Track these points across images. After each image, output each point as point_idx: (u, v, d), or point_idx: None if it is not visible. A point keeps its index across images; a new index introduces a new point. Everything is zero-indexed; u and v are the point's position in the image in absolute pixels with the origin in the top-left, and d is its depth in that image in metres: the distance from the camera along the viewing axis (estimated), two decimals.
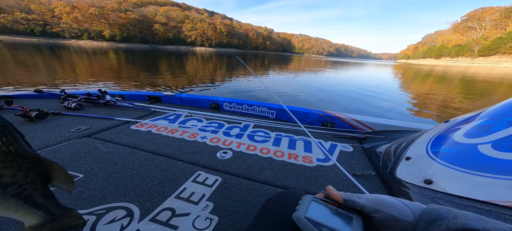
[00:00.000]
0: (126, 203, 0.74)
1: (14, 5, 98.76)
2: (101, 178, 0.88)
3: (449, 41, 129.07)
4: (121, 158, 1.05)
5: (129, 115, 1.73)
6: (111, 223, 0.65)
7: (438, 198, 0.65)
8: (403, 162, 0.91)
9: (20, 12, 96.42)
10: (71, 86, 5.56)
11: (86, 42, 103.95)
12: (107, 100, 1.96)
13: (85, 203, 0.73)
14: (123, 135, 1.35)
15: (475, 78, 16.46)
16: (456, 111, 5.28)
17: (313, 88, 7.67)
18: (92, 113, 1.70)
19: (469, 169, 0.66)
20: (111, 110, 1.83)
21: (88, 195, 0.77)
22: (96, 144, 1.18)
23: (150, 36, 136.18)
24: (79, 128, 1.39)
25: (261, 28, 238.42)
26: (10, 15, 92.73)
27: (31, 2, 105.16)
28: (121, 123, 1.56)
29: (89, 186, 0.82)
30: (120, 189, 0.82)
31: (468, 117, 0.92)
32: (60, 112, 1.63)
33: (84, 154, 1.07)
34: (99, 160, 1.02)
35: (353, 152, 1.36)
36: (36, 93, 2.06)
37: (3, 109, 1.59)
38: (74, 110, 1.72)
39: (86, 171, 0.92)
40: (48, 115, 1.50)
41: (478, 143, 0.73)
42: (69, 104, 1.74)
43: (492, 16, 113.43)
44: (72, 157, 1.03)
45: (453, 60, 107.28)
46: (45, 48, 24.80)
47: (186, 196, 0.81)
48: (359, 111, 4.59)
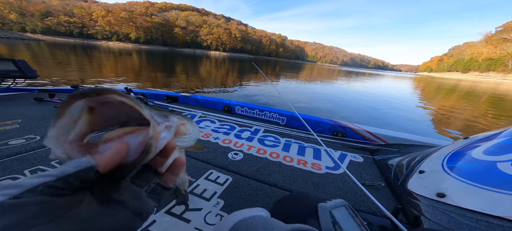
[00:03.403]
0: None
1: (60, 9, 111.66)
2: None
3: (479, 54, 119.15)
4: None
5: None
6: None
7: (450, 211, 0.64)
8: (416, 175, 0.89)
9: (65, 15, 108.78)
10: (101, 83, 6.09)
11: (115, 43, 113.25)
12: None
13: None
14: None
15: (509, 96, 14.91)
16: (481, 130, 4.85)
17: (324, 97, 7.55)
18: None
19: (486, 185, 0.64)
20: None
21: None
22: None
23: (170, 39, 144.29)
24: None
25: (274, 35, 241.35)
26: (55, 18, 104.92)
27: (74, 6, 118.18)
28: None
29: None
30: None
31: (489, 135, 0.88)
32: None
33: None
34: None
35: (364, 162, 1.34)
36: (72, 88, 2.29)
37: (45, 101, 1.79)
38: None
39: None
40: None
41: (497, 161, 0.70)
42: None
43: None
44: None
45: (483, 75, 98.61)
46: (79, 48, 27.49)
47: (199, 192, 0.86)
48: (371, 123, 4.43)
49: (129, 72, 9.12)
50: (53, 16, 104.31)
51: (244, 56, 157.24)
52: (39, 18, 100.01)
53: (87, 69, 8.93)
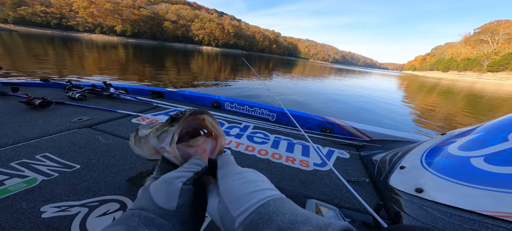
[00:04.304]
0: (120, 196, 0.74)
1: None
2: (98, 170, 0.87)
3: (458, 54, 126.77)
4: (120, 151, 1.05)
5: (131, 108, 1.75)
6: (103, 216, 0.64)
7: (427, 206, 0.66)
8: (397, 171, 0.92)
9: (41, 5, 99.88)
10: (79, 78, 5.71)
11: (98, 36, 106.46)
12: (111, 93, 1.99)
13: (79, 195, 0.72)
14: (124, 127, 1.36)
15: (482, 94, 16.13)
16: (457, 127, 5.21)
17: (316, 94, 7.67)
18: (95, 104, 1.70)
19: (460, 180, 0.67)
20: (114, 103, 1.85)
21: (83, 187, 0.75)
22: (96, 135, 1.18)
23: (160, 33, 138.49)
24: (80, 118, 1.39)
25: (268, 31, 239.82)
26: (30, 8, 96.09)
27: None
28: (122, 115, 1.57)
29: (85, 178, 0.81)
30: (116, 182, 0.81)
31: (465, 131, 0.93)
32: (64, 101, 1.64)
33: (83, 144, 1.06)
34: (98, 151, 1.02)
35: (350, 158, 1.37)
36: (42, 82, 2.10)
37: (9, 95, 1.63)
38: (78, 101, 1.73)
39: (83, 162, 0.91)
40: (51, 104, 1.51)
41: (471, 156, 0.74)
42: (73, 94, 1.76)
43: (507, 29, 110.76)
44: (71, 147, 1.02)
45: (460, 74, 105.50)
46: (58, 40, 25.52)
47: None
48: (358, 120, 4.58)
49: (114, 66, 8.62)
50: (28, 5, 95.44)
51: (237, 52, 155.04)
52: (11, 7, 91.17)
53: (67, 62, 8.33)
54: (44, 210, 0.63)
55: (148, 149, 0.42)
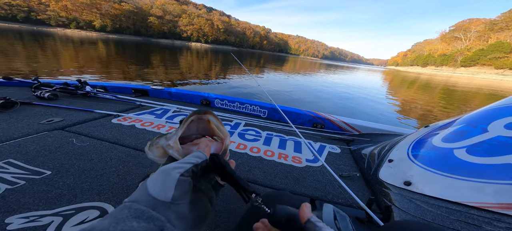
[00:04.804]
0: (100, 203, 0.68)
1: None
2: (72, 175, 0.80)
3: (435, 50, 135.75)
4: (98, 154, 0.98)
5: (111, 108, 1.64)
6: (80, 225, 0.59)
7: (416, 199, 0.68)
8: (386, 164, 0.94)
9: None
10: (49, 76, 5.24)
11: (74, 31, 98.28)
12: (87, 92, 1.83)
13: (50, 203, 0.65)
14: (103, 128, 1.27)
15: (456, 87, 17.51)
16: (436, 116, 5.62)
17: (306, 89, 7.79)
18: (68, 104, 1.57)
19: (445, 172, 0.70)
20: (91, 102, 1.71)
21: (55, 194, 0.69)
22: (69, 138, 1.09)
23: (144, 29, 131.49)
24: (51, 119, 1.27)
25: (258, 27, 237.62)
26: None
27: None
28: (101, 115, 1.46)
29: (57, 184, 0.74)
30: (95, 188, 0.75)
31: (446, 123, 0.97)
32: (31, 102, 1.49)
33: (55, 148, 0.97)
34: (72, 155, 0.94)
35: (341, 153, 1.39)
36: (4, 80, 1.89)
37: None
38: (48, 101, 1.58)
39: (54, 167, 0.83)
40: (16, 104, 1.37)
41: (454, 147, 0.77)
42: (42, 93, 1.59)
43: (477, 27, 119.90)
44: (40, 151, 0.93)
45: (437, 69, 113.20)
46: (27, 35, 23.19)
47: None
48: (348, 114, 4.73)
49: (93, 63, 8.03)
50: None
51: (228, 48, 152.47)
52: None
53: (40, 59, 7.60)
54: (9, 221, 0.57)
55: (157, 149, 0.43)
